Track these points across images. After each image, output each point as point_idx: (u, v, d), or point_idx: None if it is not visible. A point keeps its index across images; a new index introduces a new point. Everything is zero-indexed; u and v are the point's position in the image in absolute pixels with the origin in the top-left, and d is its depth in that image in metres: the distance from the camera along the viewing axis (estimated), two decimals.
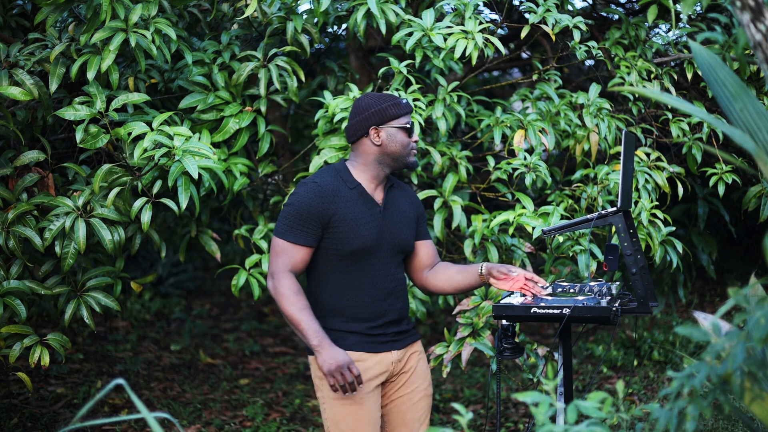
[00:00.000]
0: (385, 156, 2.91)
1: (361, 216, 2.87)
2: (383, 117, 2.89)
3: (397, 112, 2.89)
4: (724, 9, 4.37)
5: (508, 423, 4.62)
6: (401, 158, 2.92)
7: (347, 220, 2.85)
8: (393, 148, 2.90)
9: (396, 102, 2.91)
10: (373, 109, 2.90)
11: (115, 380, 1.90)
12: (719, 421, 4.16)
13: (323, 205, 2.82)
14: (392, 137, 2.89)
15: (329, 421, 2.89)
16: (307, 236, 2.82)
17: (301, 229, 2.81)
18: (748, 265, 6.40)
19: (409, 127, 2.91)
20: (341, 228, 2.84)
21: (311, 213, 2.82)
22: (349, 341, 2.89)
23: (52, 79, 3.45)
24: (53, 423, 4.51)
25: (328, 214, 2.83)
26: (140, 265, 7.30)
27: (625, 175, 2.96)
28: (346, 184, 2.89)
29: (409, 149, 2.92)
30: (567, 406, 2.05)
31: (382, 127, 2.89)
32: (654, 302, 3.01)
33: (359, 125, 2.91)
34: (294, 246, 2.82)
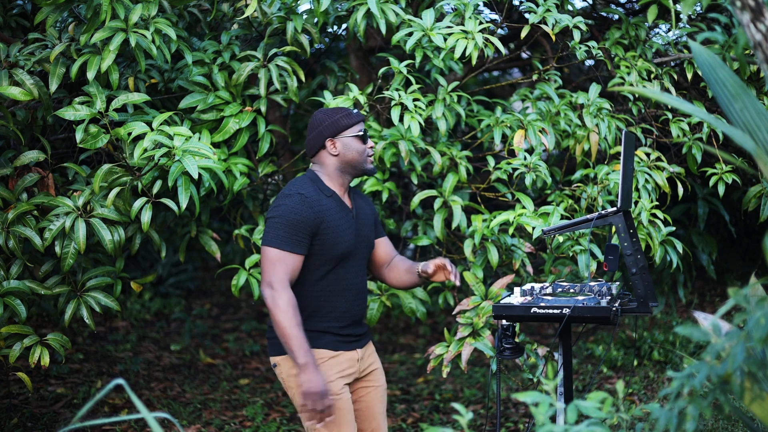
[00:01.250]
0: (344, 164, 3.03)
1: (341, 222, 3.00)
2: (337, 128, 3.01)
3: (348, 122, 3.02)
4: (724, 9, 4.37)
5: (508, 423, 4.62)
6: (359, 165, 3.05)
7: (332, 227, 2.96)
8: (350, 156, 3.03)
9: (347, 113, 3.04)
10: (326, 122, 3.03)
11: (115, 380, 1.90)
12: (719, 421, 4.15)
13: (312, 214, 2.92)
14: (347, 146, 3.02)
15: None
16: (302, 245, 2.91)
17: (295, 239, 2.90)
18: (748, 265, 6.40)
19: (362, 134, 3.04)
20: (327, 235, 2.95)
21: (303, 222, 2.90)
22: (323, 340, 2.98)
23: (52, 79, 3.45)
24: (53, 423, 4.51)
25: (317, 223, 2.93)
26: (140, 265, 7.30)
27: (625, 175, 2.96)
28: (323, 192, 3.01)
29: (365, 156, 3.06)
30: (567, 406, 2.05)
31: (337, 138, 3.02)
32: (654, 302, 3.01)
33: (316, 139, 3.04)
34: (290, 255, 2.89)
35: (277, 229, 2.89)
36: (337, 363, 2.99)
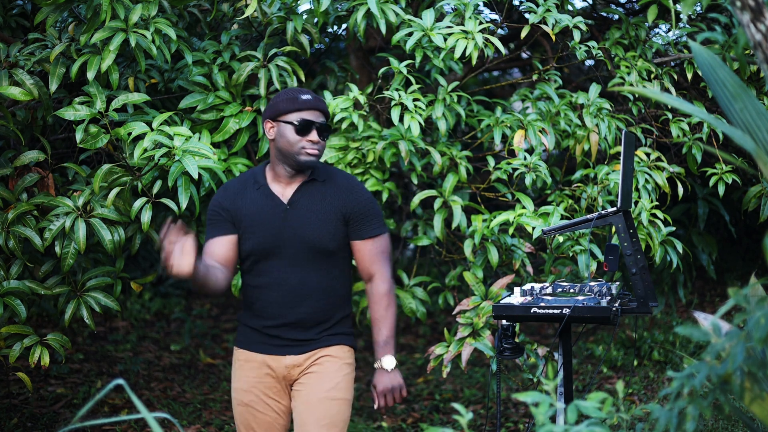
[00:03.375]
0: (278, 152, 2.78)
1: (260, 217, 2.80)
2: (275, 111, 2.76)
3: (288, 107, 2.74)
4: (724, 9, 4.37)
5: (508, 423, 4.62)
6: (291, 156, 2.75)
7: (246, 221, 2.82)
8: (282, 144, 2.75)
9: (292, 96, 2.75)
10: (271, 103, 2.80)
11: (115, 380, 1.90)
12: (719, 421, 4.15)
13: (225, 204, 2.85)
14: (281, 133, 2.75)
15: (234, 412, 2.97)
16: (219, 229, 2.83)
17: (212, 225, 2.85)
18: (748, 265, 6.40)
19: (298, 123, 2.72)
20: (243, 227, 2.83)
21: (217, 211, 2.86)
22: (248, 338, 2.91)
23: (52, 79, 3.45)
24: (53, 423, 4.51)
25: (232, 213, 2.84)
26: (140, 265, 7.29)
27: (625, 175, 2.96)
28: (255, 184, 2.85)
29: (299, 148, 2.73)
30: (567, 406, 2.05)
31: (274, 122, 2.77)
32: (654, 302, 3.01)
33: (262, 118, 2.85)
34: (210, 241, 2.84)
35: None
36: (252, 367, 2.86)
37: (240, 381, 2.91)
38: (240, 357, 2.92)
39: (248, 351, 2.90)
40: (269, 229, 2.79)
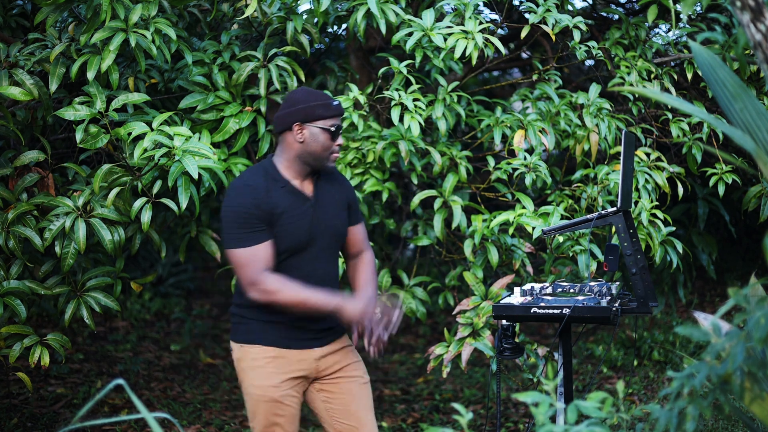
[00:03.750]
0: (305, 154, 2.85)
1: (292, 213, 2.84)
2: (309, 115, 2.84)
3: (324, 113, 2.84)
4: (724, 9, 4.37)
5: (508, 423, 4.62)
6: (320, 160, 2.86)
7: (281, 219, 2.83)
8: (313, 148, 2.84)
9: (326, 103, 2.86)
10: (301, 105, 2.85)
11: (115, 380, 1.90)
12: (719, 421, 4.15)
13: (258, 204, 2.80)
14: (315, 137, 2.84)
15: (249, 412, 2.91)
16: (262, 233, 2.79)
17: (253, 231, 2.78)
18: (748, 265, 6.40)
19: (334, 130, 2.85)
20: (277, 227, 2.82)
21: (251, 213, 2.78)
22: (271, 335, 2.87)
23: (52, 79, 3.45)
24: (53, 423, 4.51)
25: (266, 213, 2.81)
26: (140, 265, 7.29)
27: (625, 175, 2.96)
28: (276, 182, 2.86)
29: (329, 153, 2.86)
30: (567, 406, 2.05)
31: (306, 125, 2.84)
32: (654, 302, 3.01)
33: (285, 118, 2.87)
34: (255, 248, 2.78)
35: (233, 229, 2.78)
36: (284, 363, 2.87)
37: (269, 378, 2.86)
38: (267, 354, 2.86)
39: (277, 347, 2.87)
40: (302, 225, 2.85)
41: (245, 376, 2.90)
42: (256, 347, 2.87)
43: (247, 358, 2.89)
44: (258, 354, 2.87)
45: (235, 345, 2.94)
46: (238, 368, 2.95)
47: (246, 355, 2.89)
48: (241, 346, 2.90)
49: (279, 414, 2.86)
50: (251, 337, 2.88)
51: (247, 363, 2.89)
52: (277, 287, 2.75)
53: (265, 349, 2.86)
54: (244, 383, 2.91)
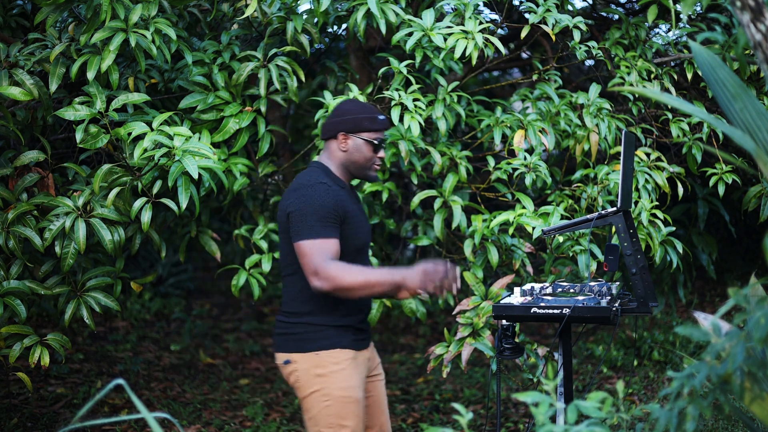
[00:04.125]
0: (349, 162, 2.97)
1: (357, 213, 2.96)
2: (355, 126, 2.95)
3: (370, 126, 2.95)
4: (724, 9, 4.37)
5: (508, 423, 4.62)
6: (362, 169, 2.99)
7: (351, 218, 2.90)
8: (356, 158, 2.96)
9: (373, 116, 2.96)
10: (349, 116, 2.96)
11: (115, 380, 1.90)
12: (719, 421, 4.15)
13: (337, 202, 2.86)
14: (358, 148, 2.95)
15: (334, 417, 2.87)
16: (334, 230, 2.83)
17: (326, 225, 2.82)
18: (748, 265, 6.40)
19: (377, 143, 2.96)
20: (348, 226, 2.89)
21: (330, 209, 2.83)
22: (346, 338, 2.91)
23: (52, 79, 3.45)
24: (53, 423, 4.51)
25: (341, 212, 2.86)
26: (140, 265, 7.30)
27: (625, 175, 2.96)
28: (336, 183, 2.95)
29: (371, 164, 2.99)
30: (567, 406, 2.05)
31: (351, 135, 2.95)
32: (654, 302, 3.01)
33: (332, 127, 2.97)
34: (325, 240, 2.80)
35: (307, 221, 2.80)
36: (358, 363, 2.95)
37: (352, 379, 2.90)
38: (347, 356, 2.90)
39: (354, 350, 2.93)
40: (364, 225, 2.99)
41: (327, 382, 2.88)
42: (337, 351, 2.89)
43: (328, 364, 2.89)
44: (340, 357, 2.89)
45: (302, 356, 2.90)
46: (308, 377, 2.89)
47: (326, 360, 2.89)
48: (317, 353, 2.89)
49: (360, 413, 2.92)
50: (329, 342, 2.90)
51: (329, 368, 2.89)
52: (341, 271, 2.75)
53: (345, 352, 2.90)
54: (326, 390, 2.88)
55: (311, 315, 2.90)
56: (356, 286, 2.75)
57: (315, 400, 2.88)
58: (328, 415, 2.87)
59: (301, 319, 2.92)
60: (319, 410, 2.88)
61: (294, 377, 2.92)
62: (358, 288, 2.76)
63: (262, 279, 3.86)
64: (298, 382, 2.91)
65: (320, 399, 2.87)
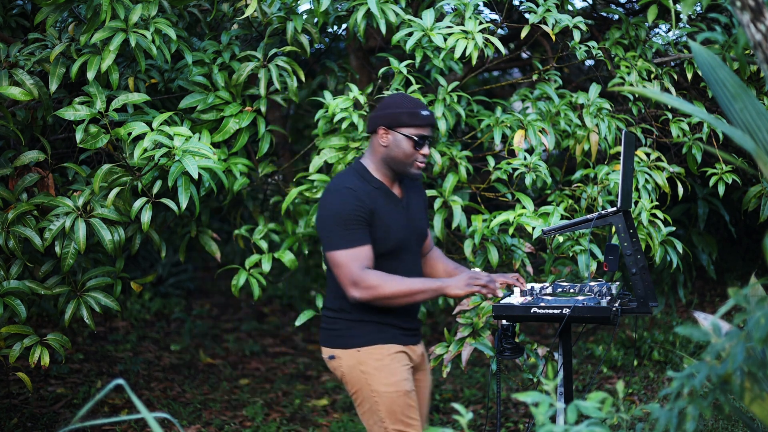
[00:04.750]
0: (388, 158, 2.93)
1: (390, 214, 2.92)
2: (395, 121, 2.90)
3: (409, 121, 2.89)
4: (724, 9, 4.37)
5: (508, 423, 4.62)
6: (402, 166, 2.93)
7: (381, 219, 2.88)
8: (395, 153, 2.91)
9: (414, 111, 2.90)
10: (390, 110, 2.92)
11: (115, 380, 1.91)
12: (719, 421, 4.15)
13: (363, 206, 2.84)
14: (398, 143, 2.90)
15: (385, 412, 2.89)
16: (364, 236, 2.82)
17: (355, 230, 2.81)
18: (748, 265, 6.40)
19: (417, 139, 2.89)
20: (378, 228, 2.87)
21: (356, 216, 2.82)
22: (390, 333, 2.93)
23: (52, 79, 3.45)
24: (53, 423, 4.51)
25: (368, 216, 2.85)
26: (140, 265, 7.29)
27: (625, 175, 2.96)
28: (370, 184, 2.92)
29: (412, 160, 2.92)
30: (567, 406, 2.05)
31: (391, 130, 2.91)
32: (654, 302, 3.01)
33: (374, 121, 2.94)
34: (357, 249, 2.80)
35: (333, 230, 2.80)
36: (404, 357, 2.96)
37: (398, 373, 2.91)
38: (390, 351, 2.91)
39: (397, 344, 2.94)
40: (399, 226, 2.94)
41: (372, 379, 2.90)
42: (378, 347, 2.91)
43: (371, 360, 2.90)
44: (383, 353, 2.91)
45: (345, 352, 2.92)
46: (354, 374, 2.92)
47: (368, 357, 2.90)
48: (358, 350, 2.90)
49: (412, 404, 2.92)
50: (370, 338, 2.91)
51: (372, 364, 2.90)
52: (379, 281, 2.77)
53: (388, 347, 2.92)
54: (372, 386, 2.90)
55: (352, 312, 2.91)
56: (398, 294, 2.78)
57: (364, 396, 2.92)
58: (379, 411, 2.90)
59: (342, 315, 2.93)
60: (370, 406, 2.91)
61: (340, 372, 2.95)
62: (397, 296, 2.78)
63: (262, 279, 3.86)
64: (345, 377, 2.94)
65: (369, 396, 2.90)
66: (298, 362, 5.97)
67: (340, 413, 4.92)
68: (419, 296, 2.80)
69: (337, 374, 2.99)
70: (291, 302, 7.36)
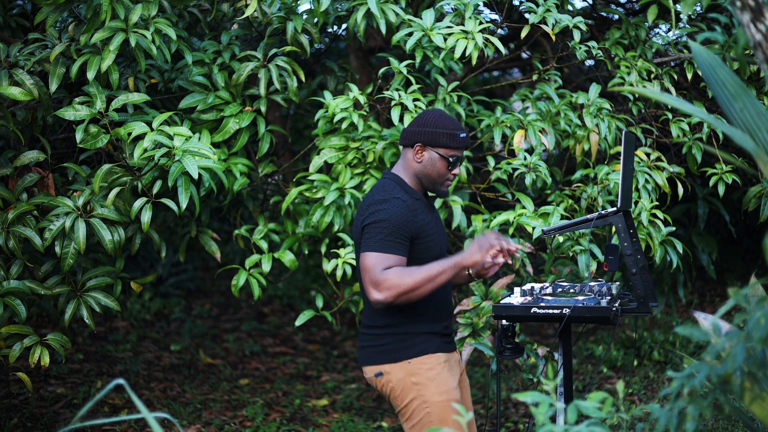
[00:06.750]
0: (422, 175, 2.96)
1: (433, 224, 2.96)
2: (433, 140, 2.92)
3: (448, 142, 2.92)
4: (724, 9, 4.37)
5: (508, 423, 4.62)
6: (434, 184, 2.97)
7: (427, 229, 2.91)
8: (429, 171, 2.95)
9: (453, 134, 2.93)
10: (429, 128, 2.93)
11: (115, 380, 1.90)
12: (719, 421, 4.15)
13: (412, 218, 2.86)
14: (433, 162, 2.94)
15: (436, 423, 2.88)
16: (403, 247, 2.83)
17: (395, 241, 2.81)
18: (748, 265, 6.40)
19: (453, 161, 2.93)
20: (425, 238, 2.89)
21: (404, 226, 2.83)
22: (435, 343, 2.94)
23: (52, 79, 3.45)
24: (53, 423, 4.51)
25: (415, 228, 2.86)
26: (140, 265, 7.29)
27: (625, 175, 2.96)
28: (412, 196, 2.94)
29: (444, 179, 2.97)
30: (567, 406, 2.05)
31: (428, 148, 2.93)
32: (654, 302, 3.01)
33: (411, 135, 2.96)
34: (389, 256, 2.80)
35: (378, 234, 2.80)
36: (451, 366, 2.98)
37: (448, 382, 2.92)
38: (439, 360, 2.92)
39: (445, 353, 2.96)
40: (440, 235, 2.99)
41: (425, 389, 2.89)
42: (428, 356, 2.91)
43: (422, 371, 2.90)
44: (433, 363, 2.91)
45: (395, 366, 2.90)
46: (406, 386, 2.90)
47: (419, 368, 2.90)
48: (409, 362, 2.90)
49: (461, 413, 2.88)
50: (420, 349, 2.91)
51: (424, 375, 2.90)
52: (398, 276, 2.74)
53: (437, 356, 2.93)
54: (425, 396, 2.89)
55: (397, 326, 2.91)
56: (420, 283, 2.73)
57: (416, 409, 2.89)
58: (431, 422, 2.88)
59: (388, 330, 2.92)
60: (422, 417, 2.89)
61: (389, 388, 2.92)
62: (423, 284, 2.74)
63: (262, 279, 3.86)
64: (395, 392, 2.91)
65: (421, 407, 2.89)
66: (298, 362, 5.97)
67: (340, 413, 4.92)
68: (441, 277, 2.75)
69: (384, 391, 2.95)
70: (291, 302, 7.36)
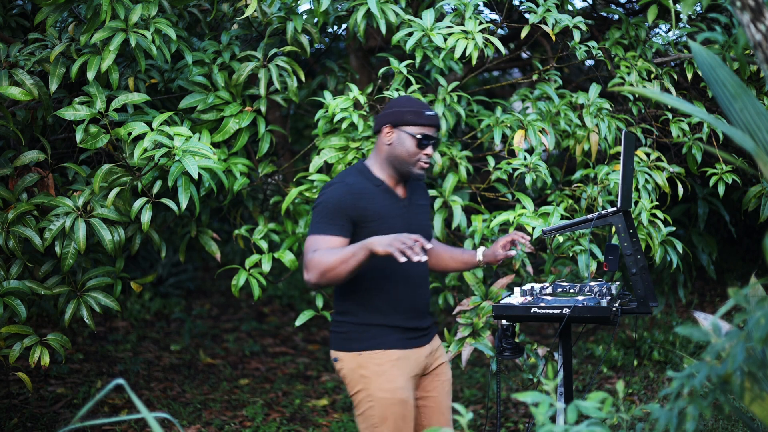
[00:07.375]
0: (392, 157, 2.95)
1: (389, 212, 2.93)
2: (399, 119, 2.93)
3: (413, 119, 2.92)
4: (724, 9, 4.37)
5: (508, 423, 4.62)
6: (405, 165, 2.94)
7: (377, 217, 2.89)
8: (399, 152, 2.93)
9: (418, 111, 2.93)
10: (394, 108, 2.96)
11: (115, 380, 1.90)
12: (719, 421, 4.15)
13: (352, 202, 2.85)
14: (401, 141, 2.93)
15: (378, 418, 2.89)
16: (341, 228, 2.83)
17: (333, 223, 2.82)
18: (748, 265, 6.40)
19: (420, 138, 2.91)
20: (372, 225, 2.88)
21: (341, 208, 2.83)
22: (391, 338, 2.93)
23: (52, 79, 3.45)
24: (53, 423, 4.51)
25: (357, 212, 2.86)
26: (140, 265, 7.29)
27: (625, 175, 2.96)
28: (370, 182, 2.94)
29: (415, 159, 2.93)
30: (567, 406, 2.05)
31: (395, 129, 2.94)
32: (654, 302, 3.01)
33: (379, 119, 2.98)
34: (324, 237, 2.81)
35: (315, 217, 2.85)
36: (406, 364, 2.94)
37: (395, 380, 2.90)
38: (390, 357, 2.91)
39: (399, 349, 2.93)
40: (397, 224, 2.92)
41: (370, 383, 2.90)
42: (379, 352, 2.91)
43: (371, 365, 2.90)
44: (383, 359, 2.91)
45: (347, 354, 2.93)
46: (354, 377, 2.92)
47: (369, 361, 2.90)
48: (360, 354, 2.91)
49: (407, 414, 2.91)
50: (372, 343, 2.92)
51: (372, 369, 2.90)
52: (320, 257, 2.75)
53: (390, 353, 2.92)
54: (369, 390, 2.90)
55: (354, 314, 2.93)
56: (336, 263, 2.73)
57: (361, 400, 2.92)
58: (372, 416, 2.90)
59: (348, 318, 2.95)
60: (365, 410, 2.91)
61: (342, 374, 2.96)
62: (338, 264, 2.73)
63: (262, 279, 3.85)
64: (346, 379, 2.95)
65: (365, 399, 2.90)
66: (298, 362, 5.97)
67: (340, 413, 4.92)
68: (353, 259, 2.72)
69: (340, 376, 3.00)
70: (291, 302, 7.36)
